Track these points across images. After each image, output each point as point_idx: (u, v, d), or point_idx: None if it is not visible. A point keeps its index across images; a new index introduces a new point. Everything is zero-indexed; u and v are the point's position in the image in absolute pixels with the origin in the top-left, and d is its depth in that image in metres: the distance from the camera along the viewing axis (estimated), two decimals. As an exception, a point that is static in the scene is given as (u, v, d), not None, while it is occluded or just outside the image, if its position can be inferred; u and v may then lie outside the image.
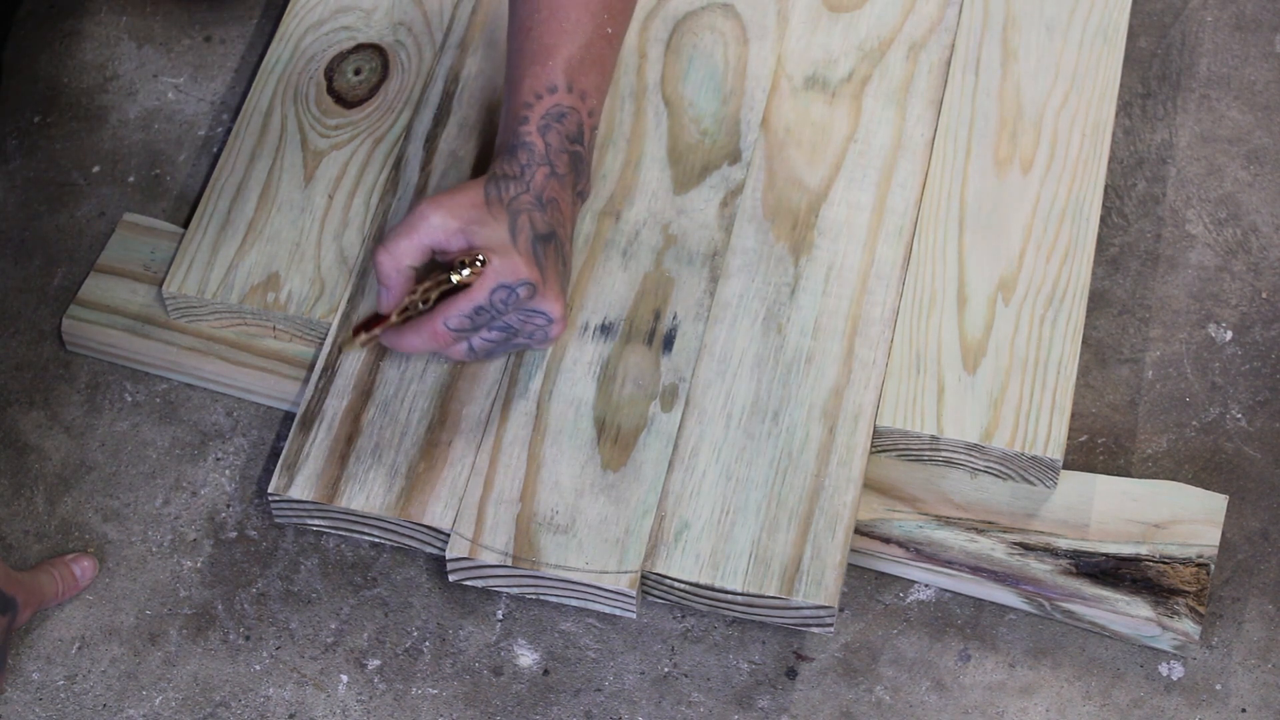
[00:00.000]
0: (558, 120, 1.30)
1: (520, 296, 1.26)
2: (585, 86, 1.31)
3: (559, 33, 1.31)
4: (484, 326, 1.27)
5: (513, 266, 1.25)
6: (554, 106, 1.30)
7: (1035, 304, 1.36)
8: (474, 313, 1.26)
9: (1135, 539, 1.30)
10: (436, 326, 1.26)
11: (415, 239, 1.26)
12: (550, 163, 1.29)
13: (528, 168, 1.29)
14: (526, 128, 1.29)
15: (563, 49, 1.31)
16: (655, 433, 1.31)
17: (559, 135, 1.30)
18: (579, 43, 1.31)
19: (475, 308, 1.25)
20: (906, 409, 1.32)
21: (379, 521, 1.30)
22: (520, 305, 1.26)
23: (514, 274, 1.25)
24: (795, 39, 1.48)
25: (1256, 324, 1.43)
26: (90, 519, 1.36)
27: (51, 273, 1.47)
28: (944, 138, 1.43)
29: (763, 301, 1.36)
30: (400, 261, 1.26)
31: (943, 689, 1.29)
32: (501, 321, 1.27)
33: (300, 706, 1.29)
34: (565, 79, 1.30)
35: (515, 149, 1.29)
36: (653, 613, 1.32)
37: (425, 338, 1.27)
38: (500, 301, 1.26)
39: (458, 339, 1.28)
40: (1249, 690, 1.29)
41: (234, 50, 1.58)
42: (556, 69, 1.30)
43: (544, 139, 1.29)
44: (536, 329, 1.28)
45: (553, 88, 1.30)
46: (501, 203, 1.27)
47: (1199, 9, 1.58)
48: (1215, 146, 1.51)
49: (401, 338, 1.28)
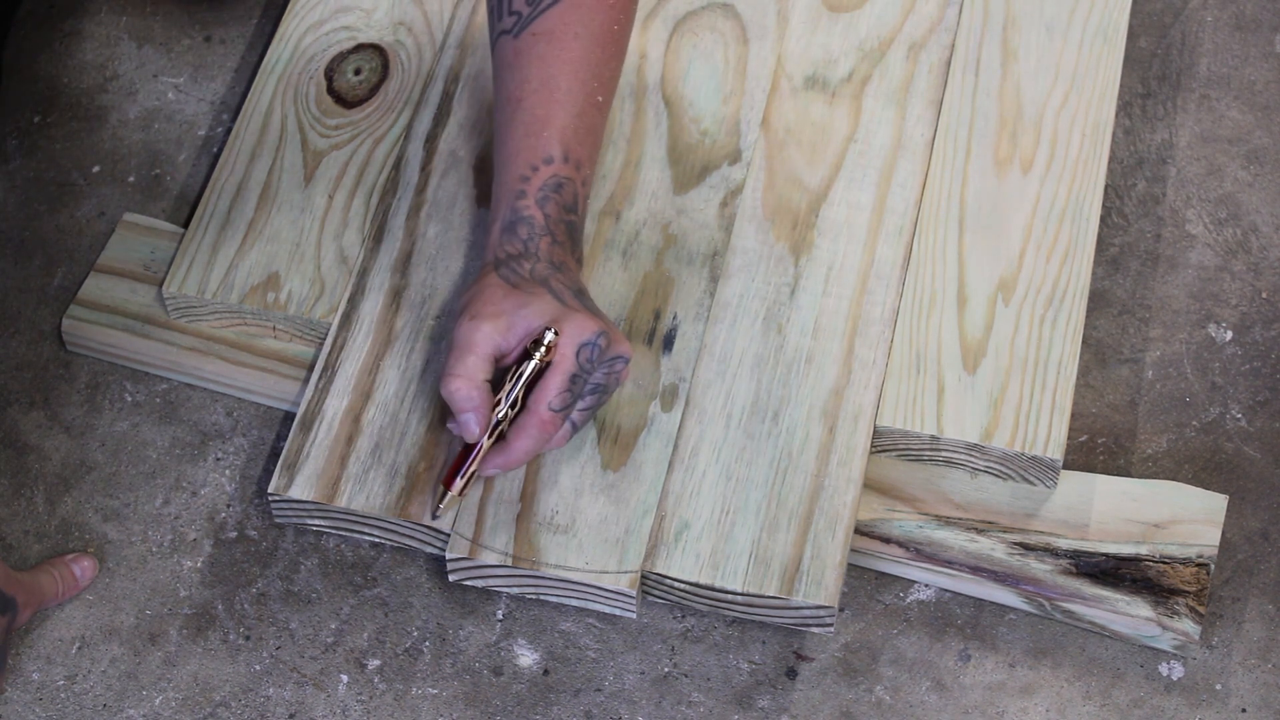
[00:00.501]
0: (555, 191, 1.28)
1: (602, 348, 1.24)
2: (580, 156, 1.30)
3: (550, 103, 1.29)
4: (580, 395, 1.25)
5: (581, 323, 1.24)
6: (551, 178, 1.28)
7: (1035, 304, 1.36)
8: (570, 382, 1.23)
9: (1135, 539, 1.30)
10: (542, 416, 1.23)
11: (478, 353, 1.23)
12: (550, 233, 1.28)
13: (530, 241, 1.27)
14: (525, 201, 1.28)
15: (556, 119, 1.29)
16: (655, 433, 1.31)
17: (557, 206, 1.28)
18: (572, 112, 1.30)
19: (569, 377, 1.23)
20: (906, 409, 1.32)
21: (379, 521, 1.30)
22: (604, 357, 1.25)
23: (587, 329, 1.24)
24: (795, 39, 1.48)
25: (1256, 324, 1.43)
26: (90, 519, 1.36)
27: (51, 273, 1.47)
28: (944, 138, 1.43)
29: (763, 301, 1.36)
30: (476, 378, 1.23)
31: (943, 689, 1.29)
32: (592, 383, 1.25)
33: (300, 706, 1.29)
34: (561, 149, 1.29)
35: (515, 225, 1.28)
36: (653, 613, 1.32)
37: (534, 435, 1.24)
38: (587, 360, 1.24)
39: (564, 419, 1.25)
40: (1249, 690, 1.29)
41: (234, 50, 1.58)
42: (552, 139, 1.29)
43: (543, 211, 1.28)
44: (616, 375, 1.27)
45: (549, 159, 1.28)
46: (526, 279, 1.26)
47: (1199, 9, 1.58)
48: (1215, 146, 1.51)
49: (510, 452, 1.25)
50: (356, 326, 1.36)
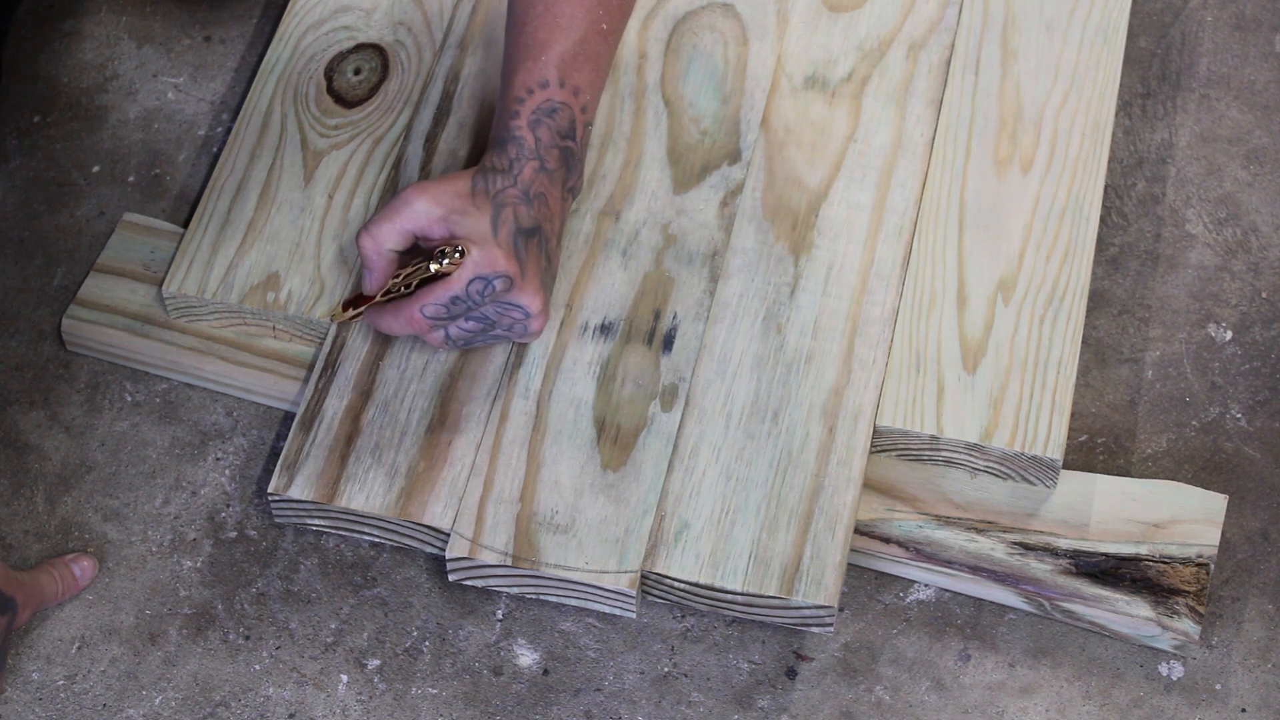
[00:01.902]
0: (549, 115, 1.30)
1: (497, 289, 1.27)
2: (578, 82, 1.31)
3: (552, 28, 1.31)
4: (461, 316, 1.28)
5: (491, 258, 1.26)
6: (545, 102, 1.30)
7: (1035, 304, 1.36)
8: (450, 302, 1.27)
9: (1135, 539, 1.30)
10: (414, 313, 1.28)
11: (398, 223, 1.27)
12: (540, 157, 1.29)
13: (516, 161, 1.29)
14: (517, 122, 1.30)
15: (556, 44, 1.31)
16: (655, 433, 1.31)
17: (550, 130, 1.30)
18: (573, 38, 1.31)
19: (451, 297, 1.27)
20: (906, 409, 1.32)
21: (379, 521, 1.30)
22: (497, 298, 1.27)
23: (491, 266, 1.26)
24: (795, 39, 1.48)
25: (1256, 324, 1.43)
26: (90, 519, 1.36)
27: (51, 273, 1.47)
28: (944, 137, 1.43)
29: (763, 301, 1.36)
30: (381, 244, 1.28)
31: (943, 689, 1.29)
32: (478, 312, 1.28)
33: (300, 706, 1.29)
34: (558, 74, 1.30)
35: (505, 143, 1.30)
36: (653, 612, 1.32)
37: (403, 322, 1.29)
38: (477, 293, 1.27)
39: (434, 326, 1.29)
40: (1249, 690, 1.29)
41: (234, 50, 1.58)
42: (549, 64, 1.31)
43: (534, 134, 1.29)
44: (515, 322, 1.29)
45: (544, 83, 1.30)
46: (487, 194, 1.28)
47: (1199, 9, 1.58)
48: (1215, 146, 1.51)
49: (381, 319, 1.30)
50: (356, 326, 1.36)
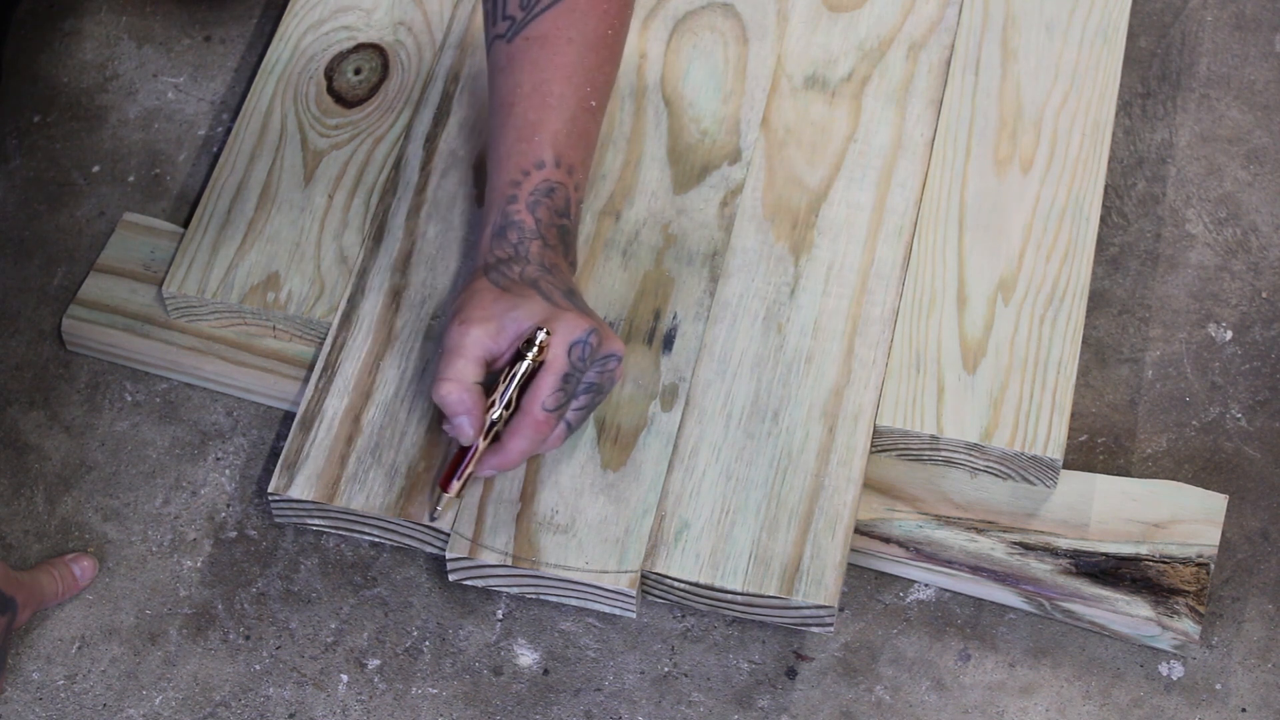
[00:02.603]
0: (546, 196, 1.28)
1: (593, 345, 1.24)
2: (572, 161, 1.30)
3: (543, 108, 1.29)
4: (573, 395, 1.25)
5: (572, 322, 1.24)
6: (542, 182, 1.28)
7: (1035, 304, 1.36)
8: (563, 382, 1.23)
9: (1135, 539, 1.30)
10: (536, 416, 1.23)
11: (468, 355, 1.23)
12: (541, 236, 1.28)
13: (520, 245, 1.27)
14: (515, 206, 1.28)
15: (548, 125, 1.29)
16: (655, 432, 1.31)
17: (548, 210, 1.28)
18: (564, 117, 1.29)
19: (562, 376, 1.23)
20: (906, 409, 1.32)
21: (379, 521, 1.30)
22: (596, 355, 1.25)
23: (578, 327, 1.24)
24: (795, 38, 1.48)
25: (1256, 323, 1.43)
26: (90, 519, 1.36)
27: (51, 273, 1.47)
28: (944, 137, 1.43)
29: (763, 301, 1.36)
30: (466, 381, 1.23)
31: (943, 689, 1.29)
32: (585, 382, 1.25)
33: (300, 706, 1.29)
34: (552, 154, 1.29)
35: (505, 229, 1.28)
36: (653, 612, 1.32)
37: (529, 435, 1.24)
38: (579, 359, 1.24)
39: (559, 420, 1.25)
40: (1249, 690, 1.29)
41: (234, 50, 1.58)
42: (543, 144, 1.29)
43: (534, 215, 1.28)
44: (609, 373, 1.27)
45: (540, 164, 1.28)
46: (516, 282, 1.26)
47: (1199, 9, 1.58)
48: (1215, 146, 1.51)
49: (505, 453, 1.25)
50: (356, 326, 1.36)
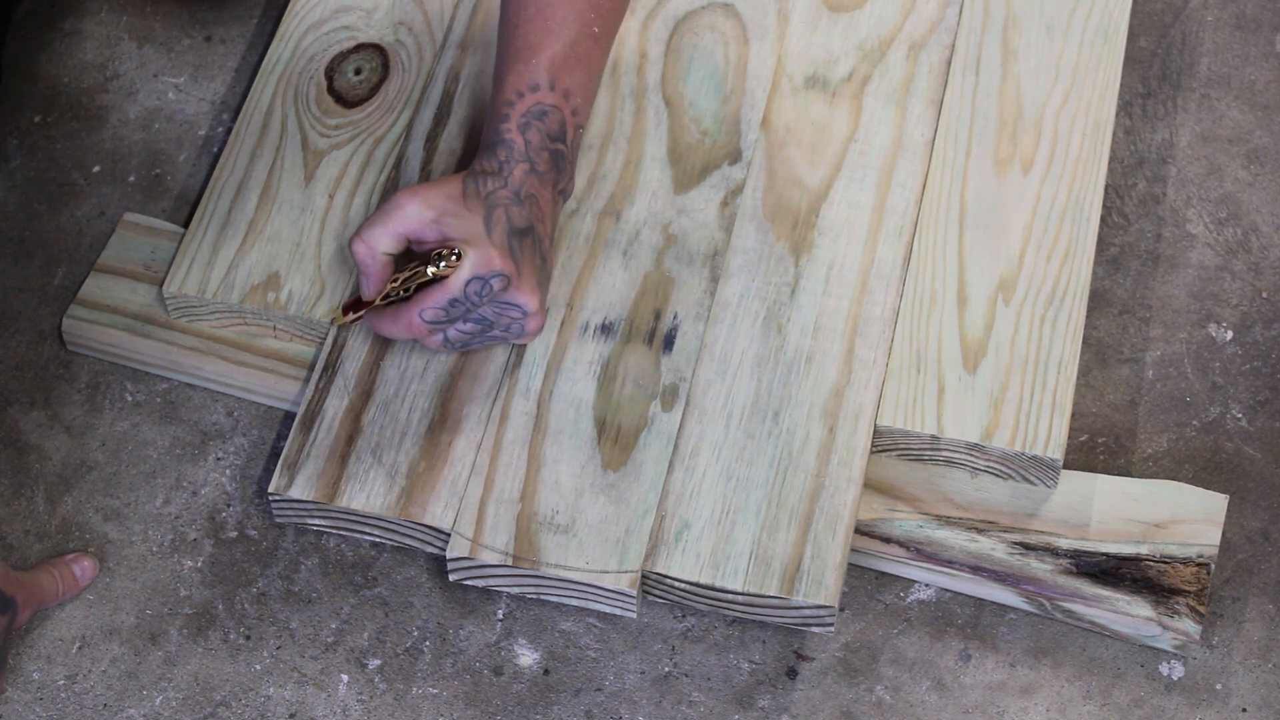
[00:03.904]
0: (539, 118, 1.30)
1: (494, 289, 1.27)
2: (569, 85, 1.31)
3: (543, 31, 1.31)
4: (459, 318, 1.28)
5: (487, 258, 1.26)
6: (535, 105, 1.30)
7: (1035, 304, 1.36)
8: (449, 305, 1.27)
9: (1135, 539, 1.30)
10: (412, 317, 1.28)
11: (390, 227, 1.27)
12: (530, 159, 1.30)
13: (506, 164, 1.29)
14: (507, 125, 1.30)
15: (546, 47, 1.31)
16: (655, 432, 1.31)
17: (539, 133, 1.30)
18: (564, 41, 1.31)
19: (450, 300, 1.27)
20: (907, 409, 1.32)
21: (379, 521, 1.30)
22: (495, 298, 1.27)
23: (487, 266, 1.26)
24: (795, 38, 1.48)
25: (1257, 324, 1.43)
26: (90, 519, 1.36)
27: (52, 273, 1.47)
28: (944, 138, 1.43)
29: (763, 301, 1.36)
30: (375, 248, 1.28)
31: (943, 689, 1.29)
32: (477, 314, 1.28)
33: (300, 706, 1.29)
34: (548, 77, 1.30)
35: (495, 146, 1.30)
36: (653, 612, 1.32)
37: (402, 326, 1.29)
38: (474, 294, 1.27)
39: (433, 330, 1.29)
40: (1249, 690, 1.29)
41: (234, 50, 1.58)
42: (539, 67, 1.30)
43: (524, 136, 1.30)
44: (512, 322, 1.30)
45: (535, 86, 1.30)
46: (478, 196, 1.28)
47: (1199, 9, 1.59)
48: (1215, 146, 1.51)
49: (381, 323, 1.30)
50: (357, 326, 1.36)
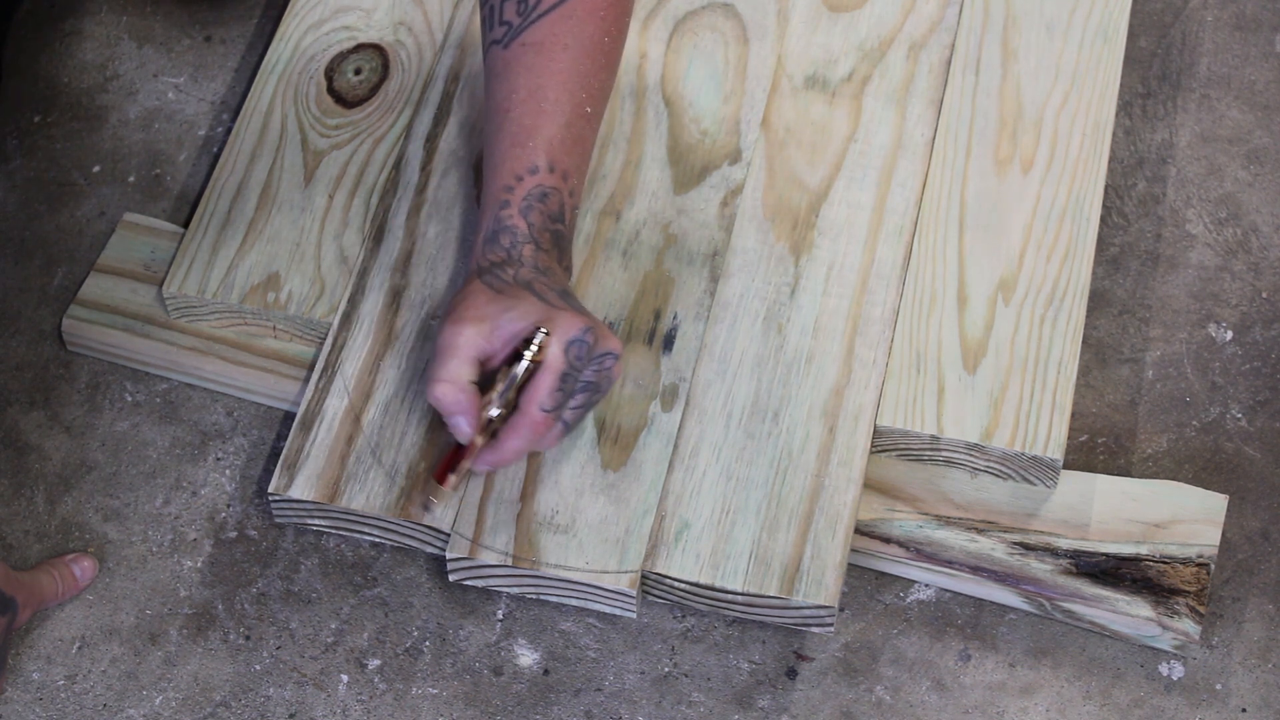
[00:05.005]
0: (540, 201, 1.28)
1: (589, 344, 1.24)
2: (566, 167, 1.30)
3: (538, 114, 1.29)
4: (571, 394, 1.25)
5: (569, 321, 1.23)
6: (536, 187, 1.28)
7: (1035, 304, 1.36)
8: (561, 381, 1.23)
9: (1135, 539, 1.30)
10: (534, 416, 1.23)
11: (461, 355, 1.23)
12: (534, 240, 1.28)
13: (513, 249, 1.27)
14: (508, 211, 1.28)
15: (543, 130, 1.29)
16: (655, 432, 1.31)
17: (541, 215, 1.28)
18: (559, 123, 1.29)
19: (560, 375, 1.23)
20: (907, 409, 1.32)
21: (379, 521, 1.30)
22: (593, 353, 1.24)
23: (575, 326, 1.23)
24: (795, 39, 1.48)
25: (1257, 324, 1.43)
26: (90, 519, 1.36)
27: (51, 273, 1.47)
28: (944, 138, 1.43)
29: (763, 301, 1.36)
30: (460, 380, 1.23)
31: (943, 689, 1.29)
32: (583, 381, 1.25)
33: (300, 706, 1.29)
34: (546, 160, 1.29)
35: (498, 234, 1.28)
36: (653, 612, 1.32)
37: (526, 434, 1.24)
38: (576, 358, 1.23)
39: (556, 419, 1.25)
40: (1249, 690, 1.29)
41: (234, 50, 1.58)
42: (537, 150, 1.29)
43: (526, 220, 1.28)
44: (607, 371, 1.26)
45: (534, 169, 1.28)
46: (510, 284, 1.26)
47: (1199, 9, 1.59)
48: (1215, 146, 1.51)
49: (501, 451, 1.25)
50: (356, 326, 1.36)
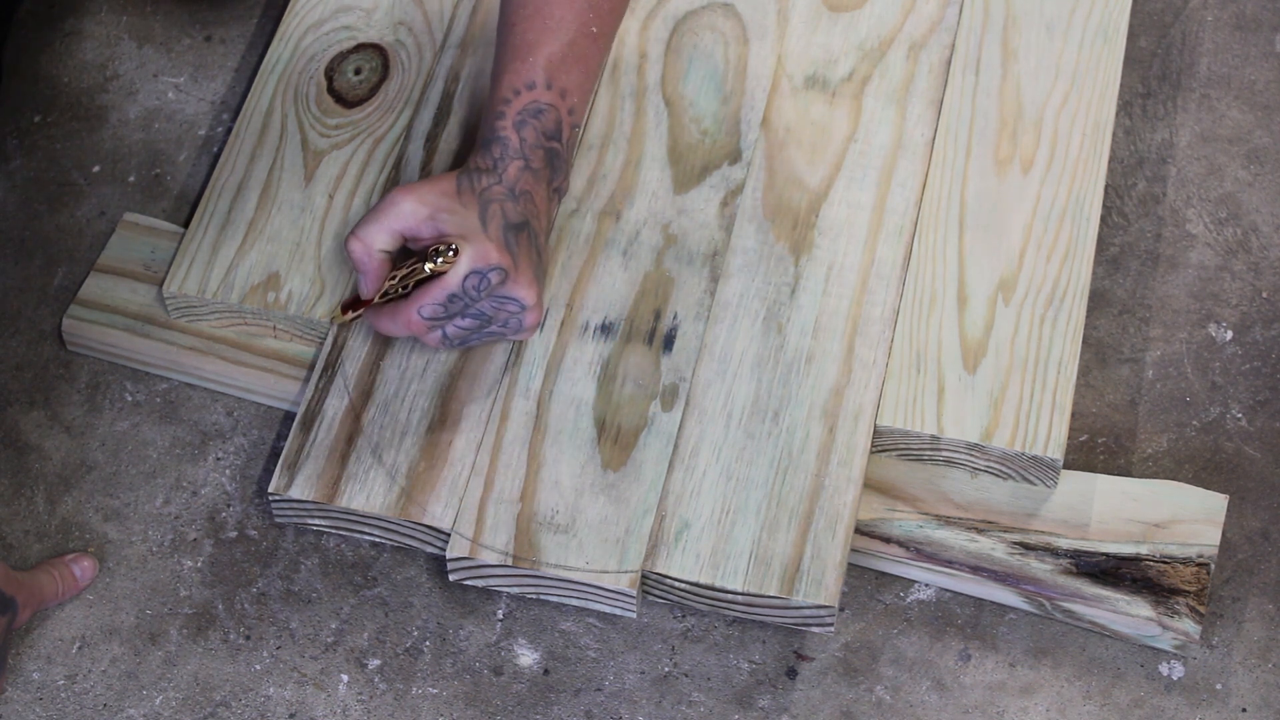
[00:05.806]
0: (534, 116, 1.30)
1: (491, 283, 1.27)
2: (566, 84, 1.32)
3: (541, 30, 1.31)
4: (458, 314, 1.29)
5: (484, 253, 1.26)
6: (531, 103, 1.30)
7: (1035, 304, 1.36)
8: (447, 300, 1.27)
9: (1135, 539, 1.30)
10: (411, 314, 1.28)
11: (385, 224, 1.28)
12: (525, 157, 1.30)
13: (500, 161, 1.29)
14: (502, 123, 1.30)
15: (544, 46, 1.31)
16: (655, 432, 1.31)
17: (535, 131, 1.30)
18: (561, 40, 1.31)
19: (448, 295, 1.27)
20: (907, 409, 1.32)
21: (379, 521, 1.30)
22: (492, 292, 1.27)
23: (485, 260, 1.26)
24: (795, 38, 1.48)
25: (1257, 324, 1.43)
26: (90, 519, 1.36)
27: (52, 273, 1.47)
28: (944, 138, 1.43)
29: (763, 301, 1.36)
30: (371, 246, 1.28)
31: (943, 689, 1.29)
32: (475, 309, 1.29)
33: (300, 706, 1.29)
34: (545, 76, 1.31)
35: (490, 143, 1.30)
36: (653, 612, 1.32)
37: (401, 323, 1.29)
38: (473, 288, 1.27)
39: (432, 326, 1.29)
40: (1249, 690, 1.29)
41: (234, 50, 1.58)
42: (536, 66, 1.31)
43: (519, 134, 1.30)
44: (510, 316, 1.30)
45: (531, 84, 1.31)
46: (473, 192, 1.28)
47: (1199, 9, 1.59)
48: (1215, 146, 1.51)
49: (379, 321, 1.30)
50: (356, 326, 1.36)
